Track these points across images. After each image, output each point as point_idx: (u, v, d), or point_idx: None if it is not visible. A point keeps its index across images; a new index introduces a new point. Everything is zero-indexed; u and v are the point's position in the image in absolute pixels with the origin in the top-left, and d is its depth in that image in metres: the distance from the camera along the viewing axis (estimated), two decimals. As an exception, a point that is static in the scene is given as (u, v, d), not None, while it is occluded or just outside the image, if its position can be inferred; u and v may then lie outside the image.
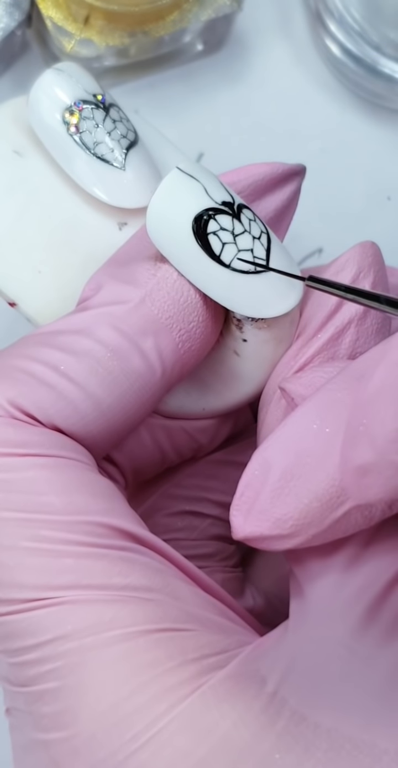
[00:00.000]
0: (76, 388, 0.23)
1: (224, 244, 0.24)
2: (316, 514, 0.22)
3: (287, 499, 0.22)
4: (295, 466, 0.22)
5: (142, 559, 0.23)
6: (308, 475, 0.22)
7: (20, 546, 0.22)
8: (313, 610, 0.23)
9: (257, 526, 0.22)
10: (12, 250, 0.28)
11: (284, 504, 0.22)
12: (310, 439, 0.22)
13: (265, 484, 0.22)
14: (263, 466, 0.22)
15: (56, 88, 0.27)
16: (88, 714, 0.21)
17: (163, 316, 0.24)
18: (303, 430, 0.22)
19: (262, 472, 0.22)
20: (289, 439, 0.22)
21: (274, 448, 0.22)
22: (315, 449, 0.22)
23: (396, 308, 0.23)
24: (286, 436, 0.22)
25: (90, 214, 0.28)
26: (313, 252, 0.40)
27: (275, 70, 0.42)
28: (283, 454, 0.22)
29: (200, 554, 0.29)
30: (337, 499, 0.22)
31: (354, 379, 0.22)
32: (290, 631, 0.23)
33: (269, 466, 0.22)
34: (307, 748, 0.20)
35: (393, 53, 0.40)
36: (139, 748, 0.20)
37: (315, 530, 0.22)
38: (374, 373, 0.21)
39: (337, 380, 0.22)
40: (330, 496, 0.21)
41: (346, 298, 0.24)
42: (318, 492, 0.22)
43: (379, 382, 0.21)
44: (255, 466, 0.22)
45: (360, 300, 0.24)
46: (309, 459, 0.22)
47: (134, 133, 0.28)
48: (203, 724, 0.20)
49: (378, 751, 0.20)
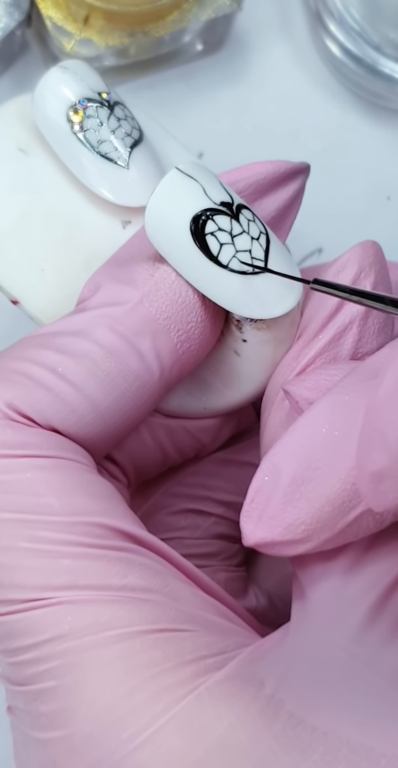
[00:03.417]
0: (74, 390, 0.23)
1: (222, 244, 0.24)
2: (328, 518, 0.22)
3: (299, 504, 0.22)
4: (305, 470, 0.22)
5: (140, 560, 0.23)
6: (319, 480, 0.22)
7: (19, 547, 0.22)
8: (314, 613, 0.23)
9: (269, 531, 0.22)
10: (15, 247, 0.28)
11: (295, 509, 0.22)
12: (319, 443, 0.22)
13: (276, 490, 0.22)
14: (273, 471, 0.22)
15: (61, 86, 0.27)
16: (85, 713, 0.21)
17: (161, 317, 0.24)
18: (312, 434, 0.22)
19: (272, 478, 0.22)
20: (298, 444, 0.22)
21: (283, 453, 0.22)
22: (325, 453, 0.22)
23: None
24: (295, 440, 0.22)
25: (94, 212, 0.28)
26: (313, 252, 0.40)
27: (275, 70, 0.42)
28: (293, 459, 0.22)
29: (203, 553, 0.29)
30: (349, 503, 0.21)
31: (361, 382, 0.22)
32: (291, 634, 0.23)
33: (279, 471, 0.22)
34: (304, 750, 0.20)
35: (393, 53, 0.40)
36: (135, 748, 0.20)
37: (327, 534, 0.22)
38: (385, 377, 0.21)
39: (344, 383, 0.22)
40: (342, 500, 0.21)
41: (351, 300, 0.24)
42: (329, 496, 0.22)
43: (390, 386, 0.21)
44: (265, 471, 0.22)
45: (365, 302, 0.23)
46: (319, 463, 0.22)
47: (138, 131, 0.28)
48: (200, 725, 0.20)
49: (376, 754, 0.20)
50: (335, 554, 0.23)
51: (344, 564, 0.23)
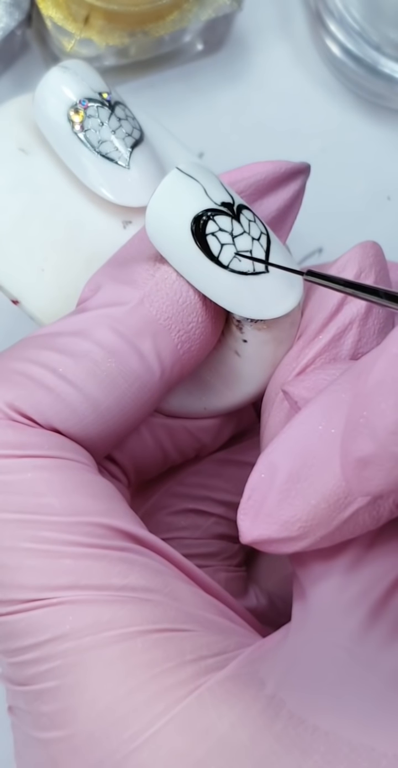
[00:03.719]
0: (75, 390, 0.23)
1: (223, 245, 0.24)
2: (324, 515, 0.22)
3: (295, 501, 0.22)
4: (301, 467, 0.22)
5: (141, 560, 0.23)
6: (314, 477, 0.22)
7: (20, 547, 0.22)
8: (315, 613, 0.23)
9: (265, 529, 0.22)
10: (15, 247, 0.28)
11: (291, 506, 0.22)
12: (315, 440, 0.22)
13: (272, 487, 0.22)
14: (270, 469, 0.22)
15: (62, 86, 0.27)
16: (86, 713, 0.21)
17: (161, 317, 0.24)
18: (308, 432, 0.22)
19: (268, 475, 0.22)
20: (294, 441, 0.22)
21: (279, 450, 0.22)
22: (320, 450, 0.22)
23: (395, 302, 0.23)
24: (291, 438, 0.22)
25: (94, 212, 0.28)
26: (313, 252, 0.40)
27: (275, 70, 0.42)
28: (289, 456, 0.22)
29: (204, 553, 0.29)
30: (345, 500, 0.22)
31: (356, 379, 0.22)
32: (292, 634, 0.23)
33: (275, 468, 0.22)
34: (305, 750, 0.20)
35: (393, 53, 0.40)
36: (136, 748, 0.20)
37: (322, 532, 0.22)
38: (374, 366, 0.21)
39: (341, 381, 0.22)
40: (337, 496, 0.22)
41: (345, 293, 0.24)
42: (325, 493, 0.22)
43: (379, 375, 0.21)
44: (261, 469, 0.22)
45: (359, 294, 0.23)
46: (315, 460, 0.22)
47: (139, 131, 0.28)
48: (201, 725, 0.20)
49: (377, 754, 0.20)
50: (335, 554, 0.23)
51: (344, 564, 0.23)
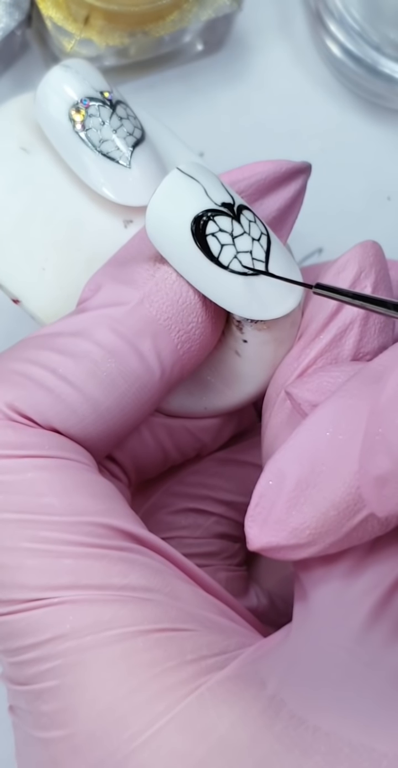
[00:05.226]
0: (75, 391, 0.23)
1: (223, 245, 0.24)
2: (333, 522, 0.22)
3: (304, 508, 0.22)
4: (310, 474, 0.22)
5: (141, 559, 0.23)
6: (323, 484, 0.22)
7: (20, 547, 0.22)
8: (316, 614, 0.23)
9: (274, 536, 0.22)
10: (17, 246, 0.28)
11: (300, 513, 0.22)
12: (324, 447, 0.22)
13: (280, 494, 0.22)
14: (278, 476, 0.22)
15: (64, 85, 0.27)
16: (86, 713, 0.21)
17: (161, 318, 0.24)
18: (316, 438, 0.22)
19: (276, 482, 0.22)
20: (302, 448, 0.22)
21: (287, 457, 0.22)
22: (329, 457, 0.22)
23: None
24: (299, 444, 0.22)
25: (96, 211, 0.28)
26: (313, 252, 0.40)
27: (275, 70, 0.42)
28: (297, 463, 0.22)
29: (204, 552, 0.29)
30: (354, 507, 0.21)
31: (365, 386, 0.22)
32: (293, 634, 0.23)
33: (283, 475, 0.22)
34: (306, 750, 0.20)
35: (393, 53, 0.40)
36: (137, 747, 0.20)
37: (332, 538, 0.22)
38: (387, 382, 0.21)
39: (348, 387, 0.22)
40: (347, 504, 0.21)
41: (354, 305, 0.24)
42: (334, 500, 0.22)
43: (392, 390, 0.21)
44: (269, 476, 0.22)
45: (368, 306, 0.23)
46: (323, 467, 0.22)
47: (140, 130, 0.28)
48: (201, 725, 0.20)
49: (377, 754, 0.20)
50: (337, 556, 0.23)
51: (346, 565, 0.23)
